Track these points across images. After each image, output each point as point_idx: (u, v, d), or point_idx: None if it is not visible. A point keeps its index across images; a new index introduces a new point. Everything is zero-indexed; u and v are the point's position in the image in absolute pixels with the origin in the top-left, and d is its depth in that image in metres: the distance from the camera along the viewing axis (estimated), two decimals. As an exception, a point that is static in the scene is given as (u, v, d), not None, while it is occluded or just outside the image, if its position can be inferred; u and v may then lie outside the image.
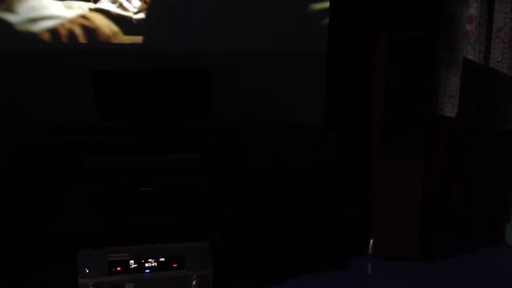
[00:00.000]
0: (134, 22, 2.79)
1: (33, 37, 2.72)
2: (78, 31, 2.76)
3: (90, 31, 2.76)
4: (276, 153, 2.68)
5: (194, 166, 2.32)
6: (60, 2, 2.70)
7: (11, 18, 2.69)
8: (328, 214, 2.77)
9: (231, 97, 2.80)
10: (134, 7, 2.77)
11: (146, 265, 2.09)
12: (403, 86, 2.43)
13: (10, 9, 2.67)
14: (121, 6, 2.76)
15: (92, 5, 2.73)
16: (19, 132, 2.47)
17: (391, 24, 2.65)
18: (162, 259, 2.10)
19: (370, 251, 2.57)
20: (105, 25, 2.76)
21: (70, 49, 2.76)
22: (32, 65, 2.71)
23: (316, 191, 2.77)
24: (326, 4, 2.88)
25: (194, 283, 2.10)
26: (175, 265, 2.11)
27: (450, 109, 2.95)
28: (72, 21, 2.72)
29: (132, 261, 2.08)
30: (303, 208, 2.72)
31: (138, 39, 2.81)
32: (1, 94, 2.66)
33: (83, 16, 2.73)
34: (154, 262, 2.10)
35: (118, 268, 2.06)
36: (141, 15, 2.78)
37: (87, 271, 2.01)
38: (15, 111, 2.64)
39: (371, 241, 2.57)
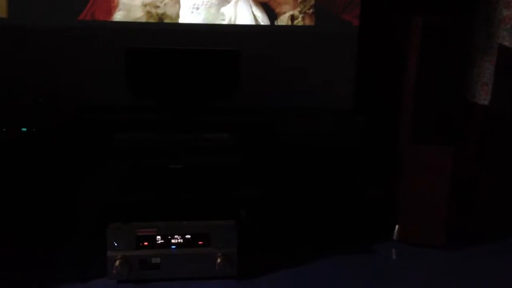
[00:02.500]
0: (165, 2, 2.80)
1: (67, 13, 2.76)
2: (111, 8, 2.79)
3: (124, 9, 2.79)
4: (305, 134, 2.67)
5: (223, 145, 2.34)
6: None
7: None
8: (353, 197, 2.76)
9: (262, 77, 2.80)
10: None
11: (173, 241, 2.13)
12: (436, 71, 2.39)
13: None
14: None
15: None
16: (52, 108, 2.52)
17: (426, 7, 2.59)
18: (188, 236, 2.14)
19: (395, 237, 2.56)
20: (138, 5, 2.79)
21: (103, 26, 2.80)
22: (67, 42, 2.75)
23: (342, 174, 2.75)
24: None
25: (218, 260, 2.13)
26: (200, 242, 2.14)
27: (483, 96, 2.89)
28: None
29: (159, 237, 2.11)
30: (328, 190, 2.71)
31: (169, 17, 2.83)
32: (35, 71, 2.72)
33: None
34: (180, 238, 2.13)
35: (145, 243, 2.10)
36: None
37: (116, 244, 2.06)
38: (48, 88, 2.69)
39: (397, 227, 2.56)
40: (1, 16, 2.72)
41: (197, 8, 2.83)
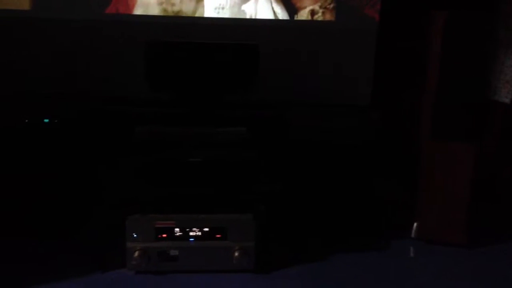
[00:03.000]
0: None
1: (91, 7, 2.78)
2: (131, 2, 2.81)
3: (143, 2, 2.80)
4: (322, 129, 2.66)
5: (241, 140, 2.34)
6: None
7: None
8: (369, 193, 2.74)
9: (280, 71, 2.80)
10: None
11: (191, 234, 2.14)
12: (457, 67, 2.35)
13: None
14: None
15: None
16: (74, 99, 2.55)
17: (447, 1, 2.56)
18: (206, 229, 2.15)
19: (413, 234, 2.54)
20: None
21: (123, 19, 2.82)
22: (90, 35, 2.78)
23: (359, 170, 2.74)
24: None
25: (236, 254, 2.13)
26: (218, 236, 2.15)
27: (504, 94, 2.85)
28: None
29: (177, 229, 2.13)
30: (345, 185, 2.69)
31: (187, 11, 2.84)
32: (58, 63, 2.75)
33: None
34: (199, 231, 2.14)
35: (164, 235, 2.11)
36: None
37: (135, 236, 2.07)
38: (71, 80, 2.73)
39: (415, 224, 2.53)
40: (24, 8, 2.76)
41: (223, 8, 2.84)
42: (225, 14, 2.85)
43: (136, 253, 2.07)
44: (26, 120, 2.32)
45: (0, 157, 2.32)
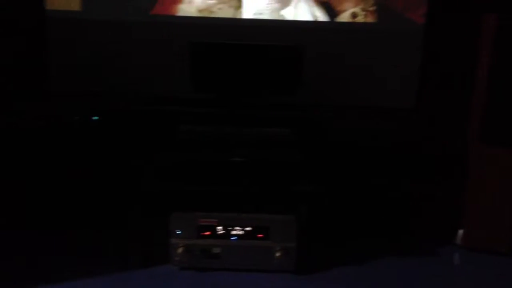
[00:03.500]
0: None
1: (136, 8, 2.85)
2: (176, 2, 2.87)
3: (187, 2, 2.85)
4: (364, 132, 2.65)
5: (284, 141, 2.35)
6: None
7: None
8: (412, 197, 2.70)
9: (323, 73, 2.79)
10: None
11: (233, 232, 2.16)
12: (509, 71, 2.30)
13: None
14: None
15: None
16: (118, 97, 2.61)
17: (500, 4, 2.50)
18: (248, 228, 2.16)
19: (458, 241, 2.48)
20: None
21: (168, 21, 2.87)
22: (135, 35, 2.85)
23: (402, 173, 2.71)
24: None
25: (277, 254, 2.14)
26: (260, 235, 2.16)
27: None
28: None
29: (220, 228, 2.15)
30: (387, 188, 2.67)
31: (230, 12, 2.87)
32: (105, 62, 2.83)
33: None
34: (241, 230, 2.16)
35: (207, 233, 2.14)
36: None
37: (179, 232, 2.11)
38: (115, 78, 2.80)
39: (461, 231, 2.48)
40: (74, 9, 2.85)
41: (261, 14, 2.85)
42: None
43: (180, 250, 2.11)
44: (76, 117, 2.41)
45: (50, 152, 2.41)
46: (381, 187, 2.68)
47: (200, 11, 2.85)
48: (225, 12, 2.85)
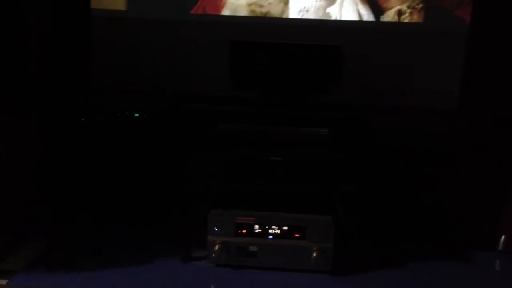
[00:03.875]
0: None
1: (178, 7, 2.89)
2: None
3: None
4: (405, 133, 2.61)
5: (322, 141, 2.34)
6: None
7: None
8: (452, 202, 2.65)
9: (363, 73, 2.76)
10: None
11: (270, 231, 2.16)
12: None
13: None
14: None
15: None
16: (160, 96, 2.66)
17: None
18: (285, 228, 2.16)
19: (500, 247, 2.42)
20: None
21: (209, 20, 2.90)
22: (178, 34, 2.89)
23: (441, 177, 2.65)
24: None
25: (314, 254, 2.13)
26: (297, 235, 2.16)
27: None
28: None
29: (257, 226, 2.16)
30: (426, 191, 2.62)
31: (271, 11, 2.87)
32: (148, 61, 2.88)
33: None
34: (278, 229, 2.16)
35: (244, 231, 2.16)
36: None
37: (216, 229, 2.13)
38: (157, 77, 2.85)
39: (503, 237, 2.41)
40: (120, 9, 2.92)
41: (307, 11, 2.84)
42: (310, 16, 2.86)
43: (216, 247, 2.13)
44: (118, 114, 2.46)
45: (94, 148, 2.48)
46: (419, 189, 2.63)
47: (249, 4, 2.86)
48: (274, 7, 2.85)
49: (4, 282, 1.97)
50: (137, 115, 2.46)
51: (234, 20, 2.89)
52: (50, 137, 2.63)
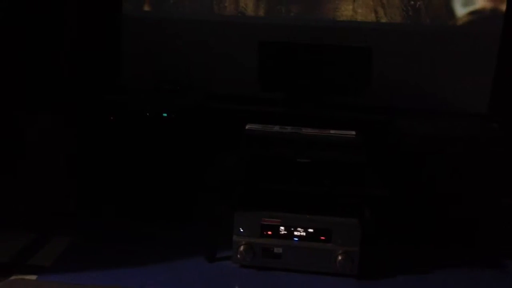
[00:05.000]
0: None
1: (208, 7, 2.91)
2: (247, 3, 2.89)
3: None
4: (432, 136, 2.56)
5: (350, 143, 2.31)
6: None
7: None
8: (485, 206, 2.59)
9: (391, 75, 2.73)
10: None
11: (295, 233, 2.16)
12: None
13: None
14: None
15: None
16: (189, 95, 2.68)
17: None
18: (310, 230, 2.15)
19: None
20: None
21: (237, 20, 2.91)
22: (204, 34, 2.91)
23: (472, 180, 2.59)
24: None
25: (339, 258, 2.11)
26: (322, 238, 2.14)
27: None
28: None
29: (282, 228, 2.15)
30: (455, 195, 2.56)
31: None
32: (175, 61, 2.91)
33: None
34: (303, 231, 2.15)
35: (269, 232, 2.15)
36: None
37: (241, 230, 2.13)
38: (186, 77, 2.87)
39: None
40: (148, 9, 2.95)
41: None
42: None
43: (242, 248, 2.13)
44: (148, 114, 2.49)
45: (122, 145, 2.51)
46: (449, 194, 2.58)
47: None
48: None
49: (34, 277, 2.01)
50: (165, 114, 2.48)
51: (263, 21, 2.89)
52: (81, 135, 2.67)
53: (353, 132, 2.40)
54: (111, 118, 2.52)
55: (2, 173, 2.79)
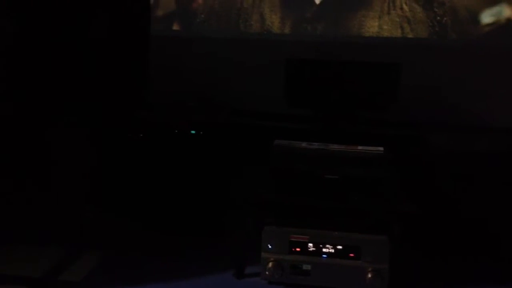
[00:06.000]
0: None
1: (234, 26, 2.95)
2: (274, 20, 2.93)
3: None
4: (464, 152, 2.53)
5: (378, 159, 2.29)
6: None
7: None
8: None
9: (419, 90, 2.71)
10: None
11: (324, 250, 2.14)
12: None
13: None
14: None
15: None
16: (217, 112, 2.71)
17: None
18: (339, 247, 2.13)
19: None
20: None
21: (264, 37, 2.94)
22: (231, 52, 2.95)
23: (503, 198, 2.54)
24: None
25: (369, 275, 2.09)
26: (351, 255, 2.12)
27: None
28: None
29: (311, 244, 2.14)
30: (488, 211, 2.52)
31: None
32: (202, 78, 2.95)
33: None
34: (332, 248, 2.14)
35: (298, 249, 2.14)
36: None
37: (270, 247, 2.13)
38: (213, 94, 2.90)
39: None
40: (176, 28, 3.01)
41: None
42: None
43: (270, 264, 2.12)
44: (176, 131, 2.52)
45: (150, 161, 2.55)
46: (480, 209, 2.53)
47: None
48: None
49: (65, 292, 2.05)
50: (193, 132, 2.50)
51: (289, 38, 2.91)
52: (110, 150, 2.72)
53: (381, 148, 2.39)
54: (140, 135, 2.56)
55: (33, 188, 2.85)
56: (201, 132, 2.49)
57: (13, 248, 2.41)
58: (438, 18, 2.82)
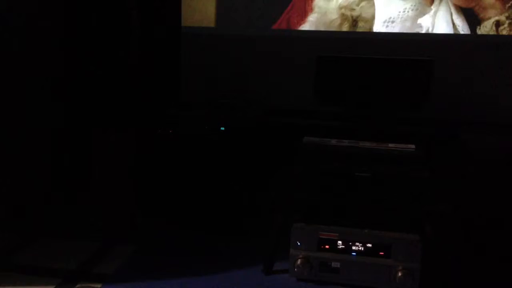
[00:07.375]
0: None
1: (265, 22, 2.95)
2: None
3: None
4: (498, 151, 2.46)
5: (410, 157, 2.26)
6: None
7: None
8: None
9: (456, 88, 2.66)
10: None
11: (353, 248, 2.12)
12: None
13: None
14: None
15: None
16: (247, 110, 2.72)
17: None
18: (369, 245, 2.11)
19: None
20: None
21: (294, 35, 2.93)
22: (262, 49, 2.95)
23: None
24: None
25: (399, 274, 2.06)
26: (381, 253, 2.10)
27: None
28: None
29: (340, 242, 2.13)
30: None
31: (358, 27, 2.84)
32: (233, 75, 2.97)
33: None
34: (361, 246, 2.12)
35: (327, 246, 2.13)
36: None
37: (299, 244, 2.13)
38: (243, 92, 2.92)
39: None
40: (210, 26, 3.03)
41: (392, 22, 2.78)
42: (395, 28, 2.78)
43: (299, 261, 2.12)
44: (206, 127, 2.55)
45: (181, 158, 2.59)
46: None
47: (340, 8, 2.83)
48: (365, 10, 2.79)
49: (98, 285, 2.09)
50: (223, 128, 2.53)
51: (317, 35, 2.89)
52: (144, 149, 2.78)
53: (413, 146, 2.35)
54: (170, 131, 2.60)
55: (74, 187, 2.95)
56: (231, 129, 2.51)
57: (51, 242, 2.50)
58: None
